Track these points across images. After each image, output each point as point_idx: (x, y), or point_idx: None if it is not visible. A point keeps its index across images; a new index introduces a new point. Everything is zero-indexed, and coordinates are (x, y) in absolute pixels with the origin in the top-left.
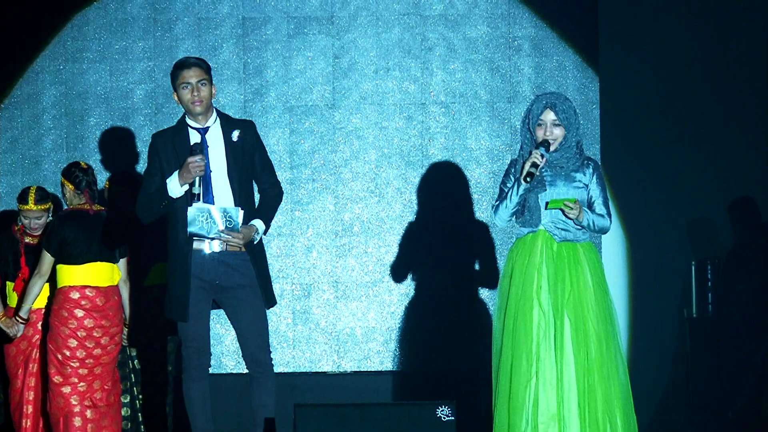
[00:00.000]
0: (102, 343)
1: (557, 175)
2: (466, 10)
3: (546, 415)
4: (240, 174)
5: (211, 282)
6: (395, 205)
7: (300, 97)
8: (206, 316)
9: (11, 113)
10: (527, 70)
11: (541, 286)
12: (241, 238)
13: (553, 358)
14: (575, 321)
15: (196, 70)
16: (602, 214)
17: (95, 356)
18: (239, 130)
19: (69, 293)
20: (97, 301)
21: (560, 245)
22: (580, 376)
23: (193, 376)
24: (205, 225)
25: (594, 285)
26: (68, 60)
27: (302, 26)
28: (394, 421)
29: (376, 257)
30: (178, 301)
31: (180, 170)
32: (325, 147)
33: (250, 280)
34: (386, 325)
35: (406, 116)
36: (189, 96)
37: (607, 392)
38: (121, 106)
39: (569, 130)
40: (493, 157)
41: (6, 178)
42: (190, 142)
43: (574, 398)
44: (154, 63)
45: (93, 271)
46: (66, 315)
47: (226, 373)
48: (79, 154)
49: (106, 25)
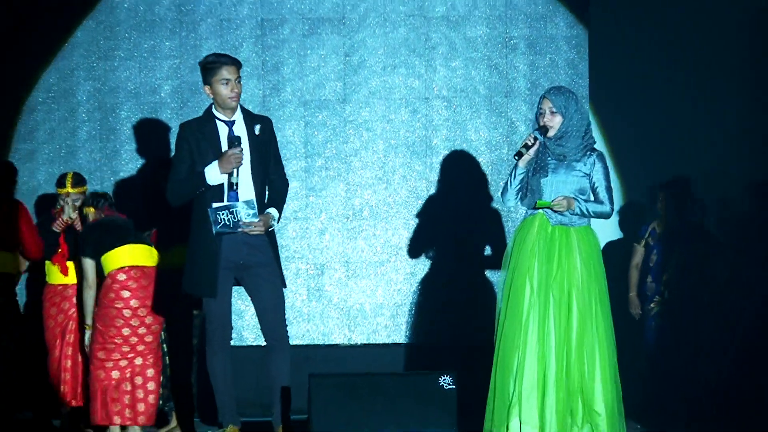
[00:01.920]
0: (146, 322)
1: (560, 163)
2: (466, 12)
3: (529, 383)
4: (260, 165)
5: (236, 262)
6: (401, 191)
7: (314, 92)
8: (229, 293)
9: (49, 107)
10: (522, 68)
11: (533, 265)
12: (261, 226)
13: (538, 333)
14: (559, 298)
15: (234, 67)
16: (602, 201)
17: (139, 335)
18: (260, 124)
19: (116, 275)
20: (142, 282)
21: (554, 228)
22: (560, 349)
23: (216, 348)
24: (229, 222)
25: (582, 267)
26: (101, 58)
27: (316, 27)
28: (401, 390)
29: (383, 239)
30: (207, 280)
31: (220, 161)
32: (336, 138)
33: (269, 260)
34: (393, 301)
35: (411, 110)
36: (227, 91)
37: (585, 366)
38: (150, 101)
39: (566, 117)
40: (491, 147)
41: (45, 167)
42: (218, 133)
43: (553, 369)
44: (180, 61)
45: (134, 252)
46: (113, 296)
47: (246, 345)
48: (111, 144)
49: (136, 26)
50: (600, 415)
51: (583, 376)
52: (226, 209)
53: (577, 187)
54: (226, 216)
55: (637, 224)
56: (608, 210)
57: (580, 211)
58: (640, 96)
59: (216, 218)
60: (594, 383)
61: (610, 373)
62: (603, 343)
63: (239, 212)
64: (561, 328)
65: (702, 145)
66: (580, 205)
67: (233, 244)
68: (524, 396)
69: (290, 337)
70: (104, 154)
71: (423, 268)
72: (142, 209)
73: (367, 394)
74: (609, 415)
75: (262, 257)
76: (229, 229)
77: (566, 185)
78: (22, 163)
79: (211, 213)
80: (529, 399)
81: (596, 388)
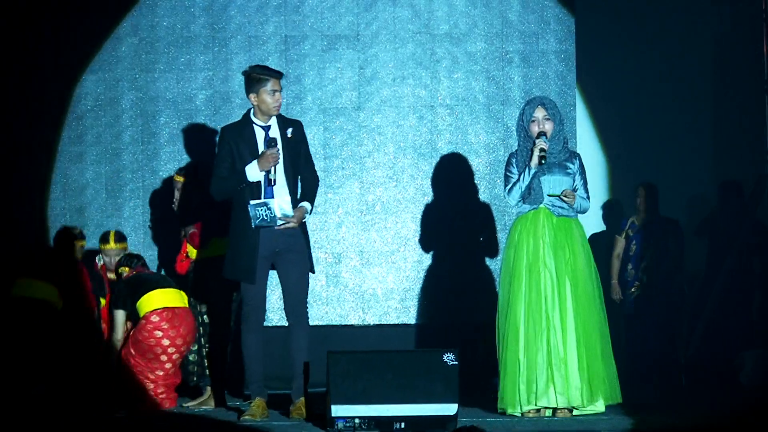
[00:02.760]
0: (173, 358)
1: (553, 164)
2: (467, 29)
3: (558, 358)
4: (292, 164)
5: (272, 250)
6: (409, 189)
7: (331, 100)
8: (265, 280)
9: (96, 114)
10: (517, 79)
11: (546, 253)
12: (296, 221)
13: (559, 312)
14: (574, 281)
15: (279, 80)
16: (584, 197)
17: (164, 367)
18: (292, 128)
19: (150, 317)
20: (174, 322)
21: (558, 219)
22: (579, 326)
23: (251, 328)
24: (266, 217)
25: (582, 253)
26: (143, 70)
27: (333, 43)
28: (409, 365)
29: (393, 231)
30: (246, 267)
31: (259, 160)
32: (352, 141)
33: (300, 247)
34: (402, 286)
35: (418, 116)
36: (272, 101)
37: (591, 341)
38: (186, 108)
39: (556, 123)
40: (489, 150)
41: (92, 167)
42: (256, 136)
43: (573, 345)
44: (213, 73)
45: (165, 296)
46: (146, 335)
47: (271, 326)
48: (152, 147)
49: (174, 42)
50: (606, 383)
51: (596, 350)
52: (263, 205)
53: (569, 185)
54: (263, 211)
55: (618, 218)
56: (589, 205)
57: (577, 205)
58: (620, 106)
59: (255, 213)
60: (599, 356)
61: (607, 349)
62: (603, 320)
63: (275, 209)
64: (577, 309)
65: (675, 149)
66: (578, 200)
67: (272, 235)
68: (555, 369)
69: (310, 318)
70: (145, 156)
71: (429, 257)
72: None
73: (379, 369)
74: (610, 383)
75: (294, 244)
76: (266, 224)
77: (561, 184)
78: (72, 164)
79: (251, 209)
80: (560, 371)
81: (601, 360)
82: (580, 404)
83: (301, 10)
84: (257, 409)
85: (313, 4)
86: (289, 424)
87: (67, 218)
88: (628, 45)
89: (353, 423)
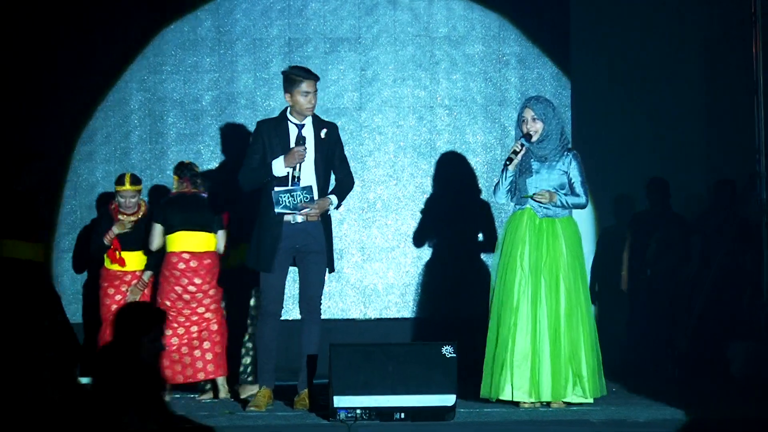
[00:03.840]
0: (197, 297)
1: (542, 164)
2: (465, 32)
3: (520, 354)
4: (324, 163)
5: (294, 246)
6: (409, 187)
7: (334, 101)
8: (285, 272)
9: (106, 114)
10: (514, 80)
11: (524, 252)
12: (317, 208)
13: (530, 310)
14: (549, 280)
15: (313, 82)
16: (578, 194)
17: (192, 308)
18: (326, 129)
19: (171, 257)
20: (195, 264)
21: (542, 220)
22: (551, 324)
23: (268, 318)
24: (289, 203)
25: (567, 251)
26: (151, 72)
27: (336, 45)
28: (409, 357)
29: (394, 228)
30: (267, 256)
31: (286, 156)
32: (353, 141)
33: (321, 248)
34: (402, 281)
35: (417, 116)
36: (305, 102)
37: (573, 336)
38: (193, 109)
39: (546, 122)
40: (487, 149)
41: (102, 166)
42: (290, 133)
43: (546, 341)
44: (219, 74)
45: (192, 239)
46: (167, 274)
47: (282, 319)
48: (159, 146)
49: (181, 44)
50: (584, 378)
51: (572, 346)
52: (287, 192)
53: (557, 184)
54: (287, 198)
55: (628, 212)
56: (583, 201)
57: (561, 203)
58: (617, 106)
59: (278, 199)
60: (580, 351)
61: (591, 341)
62: (585, 316)
63: (297, 196)
64: (551, 306)
65: (669, 149)
66: (560, 198)
67: (293, 231)
68: (515, 366)
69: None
70: (153, 155)
71: (428, 253)
72: None
73: (379, 361)
74: (591, 377)
75: (315, 245)
76: (289, 210)
77: (548, 183)
78: (83, 163)
79: (274, 195)
80: (520, 368)
81: (582, 355)
82: (548, 399)
83: (305, 14)
84: (262, 399)
85: (316, 8)
86: (293, 414)
87: (78, 215)
88: (622, 47)
89: (355, 413)
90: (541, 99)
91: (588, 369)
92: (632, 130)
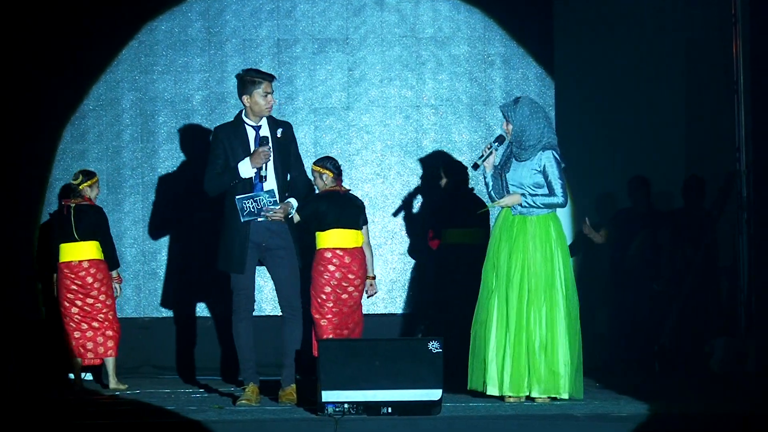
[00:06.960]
0: (348, 290)
1: (518, 163)
2: (451, 33)
3: (492, 351)
4: (282, 163)
5: (260, 244)
6: (396, 185)
7: (322, 101)
8: (253, 270)
9: (98, 113)
10: (499, 80)
11: (499, 249)
12: (281, 212)
13: (503, 307)
14: (520, 279)
15: (272, 83)
16: (550, 194)
17: (342, 299)
18: (282, 128)
19: (323, 253)
20: (345, 260)
21: (514, 218)
22: (518, 319)
23: (242, 317)
24: (253, 209)
25: (537, 249)
26: (142, 72)
27: (324, 46)
28: (396, 353)
29: (381, 225)
30: (237, 259)
31: (251, 157)
32: (341, 140)
33: (288, 244)
34: (389, 278)
35: (404, 116)
36: (265, 102)
37: (542, 333)
38: (183, 108)
39: (513, 123)
40: (472, 148)
41: (94, 164)
42: (248, 135)
43: (511, 337)
44: (209, 74)
45: (341, 236)
46: (321, 269)
47: (264, 315)
48: (151, 145)
49: (172, 45)
50: (561, 375)
51: (543, 341)
52: (250, 198)
53: (533, 182)
54: (250, 204)
55: (611, 210)
56: (559, 201)
57: (527, 204)
58: (599, 106)
59: (242, 206)
60: (556, 348)
61: (570, 339)
62: (563, 313)
63: (262, 200)
64: (521, 302)
65: (649, 148)
66: (526, 199)
67: (258, 229)
68: (488, 361)
69: (303, 308)
70: (144, 153)
71: (414, 250)
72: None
73: (367, 357)
74: (569, 375)
75: (281, 241)
76: (253, 216)
77: (525, 180)
78: (75, 161)
79: (238, 202)
80: (491, 363)
81: (558, 352)
82: (515, 393)
83: (293, 15)
84: (252, 394)
85: (304, 9)
86: (281, 408)
87: None
88: (605, 48)
89: (342, 408)
90: (510, 101)
91: (565, 366)
92: (615, 129)
